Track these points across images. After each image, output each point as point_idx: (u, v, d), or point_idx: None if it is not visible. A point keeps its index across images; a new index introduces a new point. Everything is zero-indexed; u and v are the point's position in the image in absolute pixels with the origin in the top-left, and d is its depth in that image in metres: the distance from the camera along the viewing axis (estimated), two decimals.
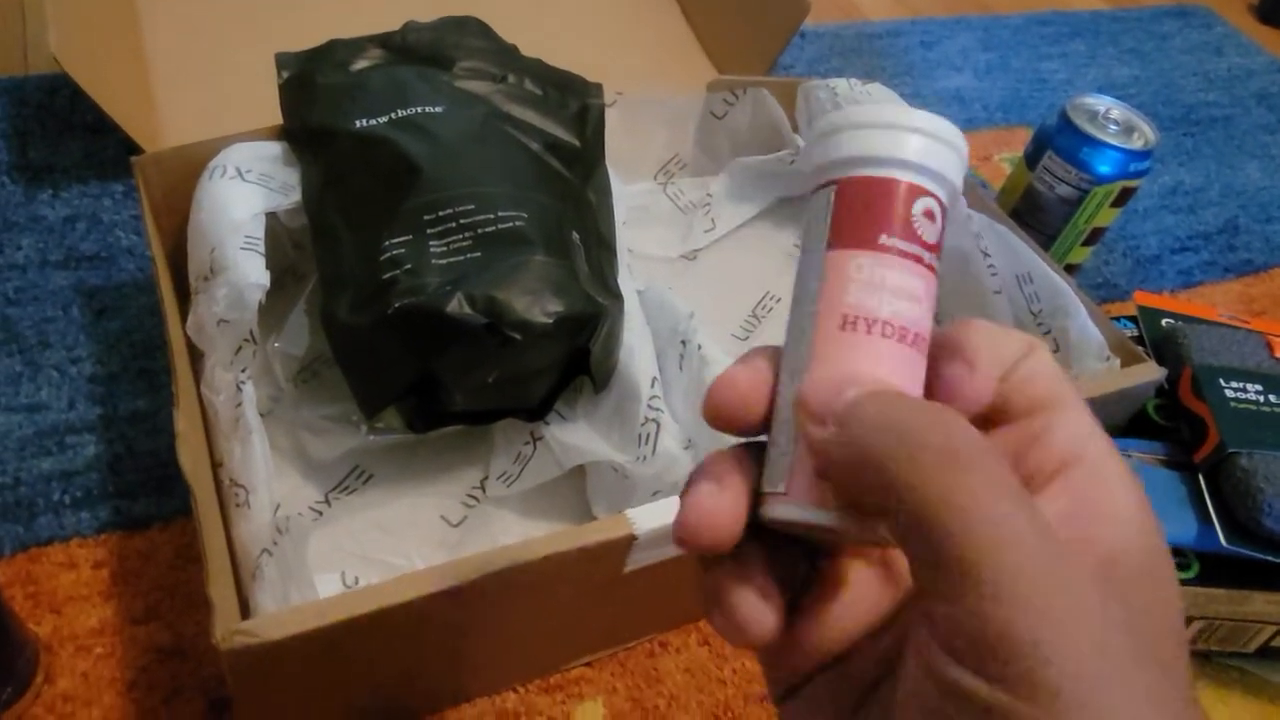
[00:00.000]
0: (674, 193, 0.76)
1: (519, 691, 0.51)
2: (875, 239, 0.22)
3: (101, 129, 0.72)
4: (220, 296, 0.50)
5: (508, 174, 0.54)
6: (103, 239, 0.67)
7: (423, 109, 0.55)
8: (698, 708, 0.52)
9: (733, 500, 0.22)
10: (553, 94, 0.61)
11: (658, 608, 0.53)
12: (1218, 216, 0.93)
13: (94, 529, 0.53)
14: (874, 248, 0.22)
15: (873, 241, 0.22)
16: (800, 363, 0.23)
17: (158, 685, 0.48)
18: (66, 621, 0.49)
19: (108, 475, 0.55)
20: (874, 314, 0.22)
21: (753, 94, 0.73)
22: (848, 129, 0.23)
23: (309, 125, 0.57)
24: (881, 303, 0.22)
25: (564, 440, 0.54)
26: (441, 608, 0.40)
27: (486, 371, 0.50)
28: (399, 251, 0.50)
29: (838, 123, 0.23)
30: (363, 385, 0.52)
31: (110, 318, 0.62)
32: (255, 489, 0.47)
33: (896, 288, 0.22)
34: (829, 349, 0.22)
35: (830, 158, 0.23)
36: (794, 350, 0.23)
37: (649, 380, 0.54)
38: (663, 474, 0.52)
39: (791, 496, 0.22)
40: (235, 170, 0.55)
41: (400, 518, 0.55)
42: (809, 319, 0.23)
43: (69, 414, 0.57)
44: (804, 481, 0.22)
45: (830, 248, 0.23)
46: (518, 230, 0.51)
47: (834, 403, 0.21)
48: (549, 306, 0.49)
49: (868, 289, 0.22)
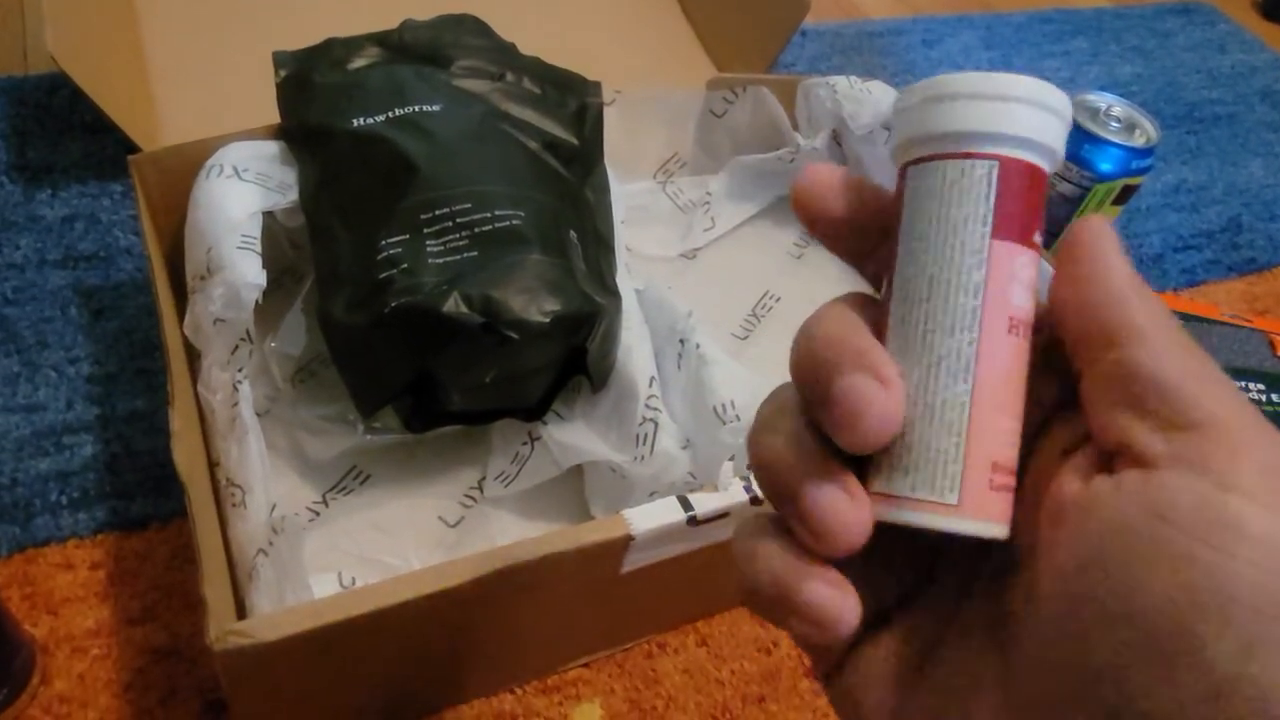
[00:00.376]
0: (673, 191, 0.75)
1: (516, 693, 0.50)
2: (1031, 235, 0.22)
3: (100, 129, 0.72)
4: (217, 296, 0.50)
5: (505, 173, 0.54)
6: (101, 239, 0.66)
7: (420, 108, 0.55)
8: (696, 709, 0.51)
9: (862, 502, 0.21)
10: (551, 92, 0.61)
11: (655, 608, 0.52)
12: (1221, 215, 0.93)
13: (91, 530, 0.53)
14: (1030, 244, 0.22)
15: (1029, 237, 0.22)
16: (963, 361, 0.21)
17: (154, 686, 0.47)
18: (63, 623, 0.49)
19: (105, 476, 0.55)
20: (1027, 319, 0.22)
21: (753, 92, 0.73)
22: (1003, 99, 0.21)
23: (306, 124, 0.56)
24: (1030, 307, 0.22)
25: (562, 440, 0.54)
26: (438, 608, 0.40)
27: (483, 371, 0.50)
28: (396, 251, 0.50)
29: (990, 87, 0.21)
30: (360, 385, 0.52)
31: (108, 318, 0.62)
32: (251, 489, 0.47)
33: (1031, 284, 0.22)
34: (998, 354, 0.21)
35: (989, 128, 0.21)
36: (946, 341, 0.21)
37: (647, 379, 0.54)
38: (660, 474, 0.51)
39: (965, 510, 0.21)
40: (232, 169, 0.55)
41: (398, 518, 0.55)
42: (970, 313, 0.21)
43: (66, 414, 0.57)
44: (979, 494, 0.21)
45: (995, 235, 0.21)
46: (514, 229, 0.51)
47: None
48: (545, 305, 0.49)
49: (1026, 292, 0.22)
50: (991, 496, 0.21)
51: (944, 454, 0.21)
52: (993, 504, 0.21)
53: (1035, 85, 0.21)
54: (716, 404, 0.52)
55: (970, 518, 0.21)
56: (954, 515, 0.21)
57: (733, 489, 0.45)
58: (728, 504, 0.45)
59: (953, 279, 0.21)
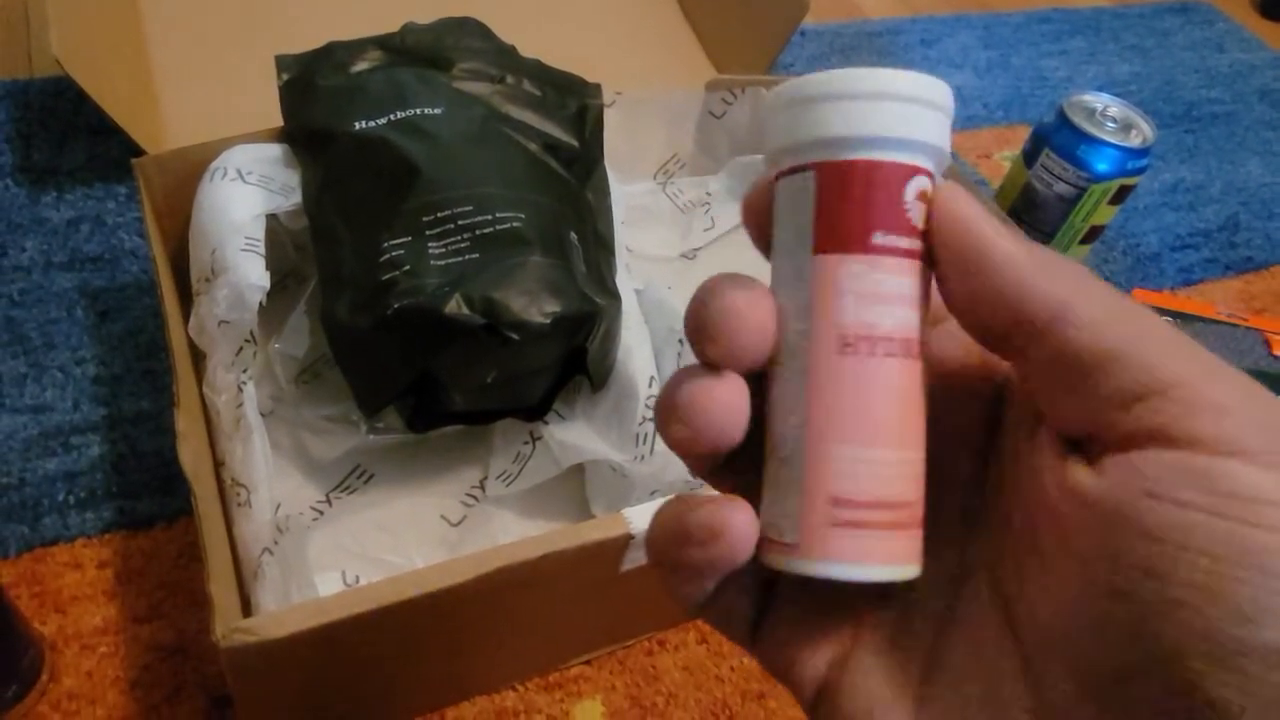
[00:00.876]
0: (673, 192, 0.76)
1: (518, 690, 0.51)
2: (868, 238, 0.19)
3: (105, 131, 0.73)
4: (221, 298, 0.51)
5: (506, 175, 0.54)
6: (106, 241, 0.67)
7: (422, 110, 0.56)
8: (696, 705, 0.52)
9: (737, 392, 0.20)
10: (551, 94, 0.62)
11: (655, 606, 0.53)
12: (1219, 214, 0.93)
13: (98, 529, 0.53)
14: (868, 249, 0.19)
15: (865, 242, 0.19)
16: (794, 391, 0.20)
17: (160, 683, 0.48)
18: (71, 621, 0.50)
19: (111, 476, 0.55)
20: (874, 330, 0.19)
21: (752, 93, 0.73)
22: (820, 100, 0.19)
23: (309, 127, 0.57)
24: (881, 315, 0.19)
25: (562, 439, 0.54)
26: (440, 606, 0.41)
27: (485, 371, 0.51)
28: (398, 253, 0.51)
29: (806, 91, 0.20)
30: (363, 385, 0.52)
31: (114, 319, 0.63)
32: (256, 488, 0.48)
33: (896, 294, 0.19)
34: (829, 381, 0.19)
35: (802, 137, 0.20)
36: (788, 377, 0.20)
37: (647, 379, 0.55)
38: (660, 473, 0.52)
39: (802, 550, 0.19)
40: (236, 172, 0.55)
41: (401, 517, 0.55)
42: (798, 337, 0.20)
43: (73, 415, 0.58)
44: (818, 533, 0.19)
45: (817, 251, 0.19)
46: (515, 231, 0.51)
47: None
48: (546, 307, 0.49)
49: (869, 303, 0.19)
50: (835, 534, 0.19)
51: (784, 490, 0.20)
52: (837, 542, 0.19)
53: (841, 78, 0.19)
54: None
55: (807, 558, 0.19)
56: (793, 556, 0.20)
57: None
58: None
59: (788, 305, 0.20)
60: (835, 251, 0.19)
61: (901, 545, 0.20)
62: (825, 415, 0.19)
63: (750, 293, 0.20)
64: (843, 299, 0.19)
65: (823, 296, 0.19)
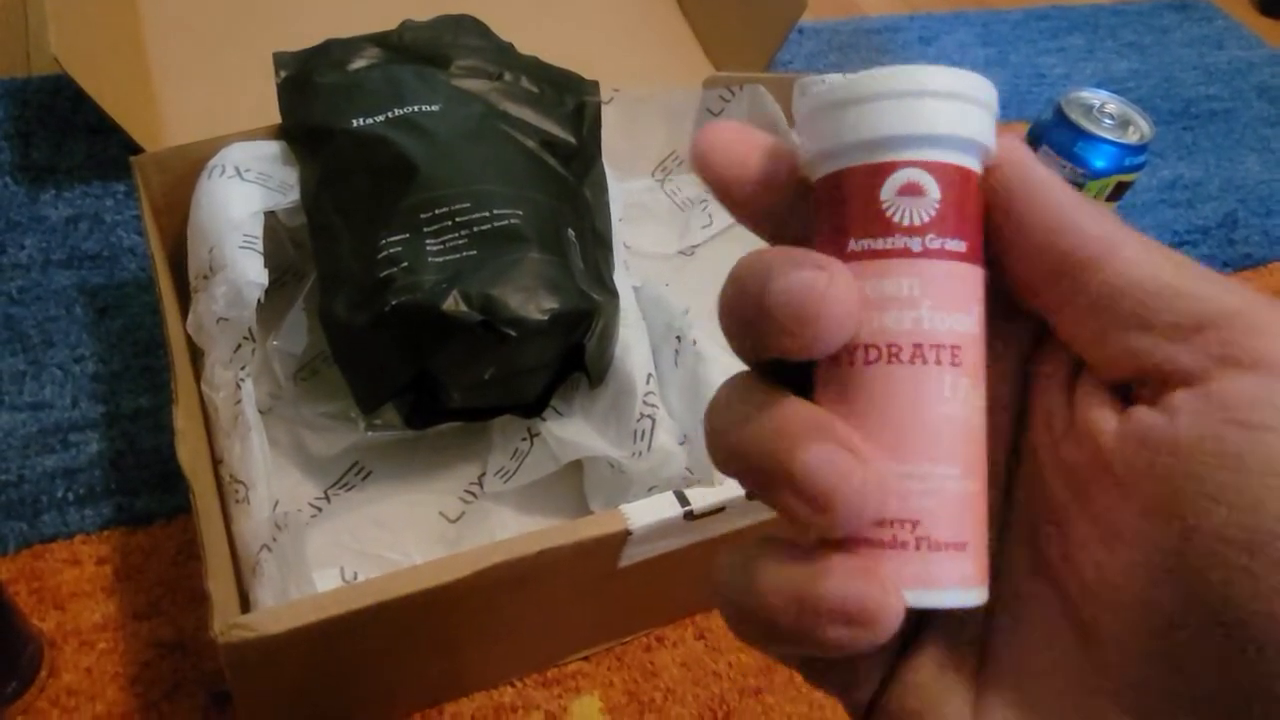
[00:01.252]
0: (671, 189, 0.76)
1: (516, 686, 0.51)
2: (845, 248, 0.19)
3: (103, 129, 0.73)
4: (219, 295, 0.51)
5: (504, 172, 0.54)
6: (105, 239, 0.67)
7: (419, 108, 0.56)
8: (694, 700, 0.52)
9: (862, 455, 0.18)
10: (549, 91, 0.62)
11: (654, 602, 0.53)
12: (1217, 210, 0.93)
13: (97, 526, 0.53)
14: (844, 259, 0.19)
15: (843, 251, 0.19)
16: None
17: (159, 680, 0.48)
18: (70, 617, 0.50)
19: (110, 473, 0.55)
20: (855, 339, 0.18)
21: (749, 90, 0.73)
22: (805, 124, 0.19)
23: (307, 124, 0.57)
24: (862, 323, 0.18)
25: (560, 436, 0.54)
26: (438, 602, 0.41)
27: (483, 368, 0.51)
28: (396, 250, 0.51)
29: (801, 114, 0.20)
30: (361, 382, 0.52)
31: (113, 316, 0.63)
32: (254, 485, 0.48)
33: (880, 298, 0.18)
34: (823, 393, 0.19)
35: (819, 146, 0.19)
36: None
37: (644, 376, 0.55)
38: (658, 469, 0.52)
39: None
40: (234, 169, 0.56)
41: (399, 514, 0.55)
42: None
43: (72, 412, 0.58)
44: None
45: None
46: (513, 228, 0.51)
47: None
48: (544, 303, 0.49)
49: (882, 311, 0.18)
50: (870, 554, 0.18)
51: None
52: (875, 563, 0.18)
53: (817, 97, 0.19)
54: None
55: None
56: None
57: (729, 483, 0.46)
58: (724, 499, 0.45)
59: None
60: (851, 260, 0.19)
61: (902, 567, 0.18)
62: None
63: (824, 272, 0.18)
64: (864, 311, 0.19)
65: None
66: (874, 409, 0.18)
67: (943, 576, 0.18)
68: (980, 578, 0.19)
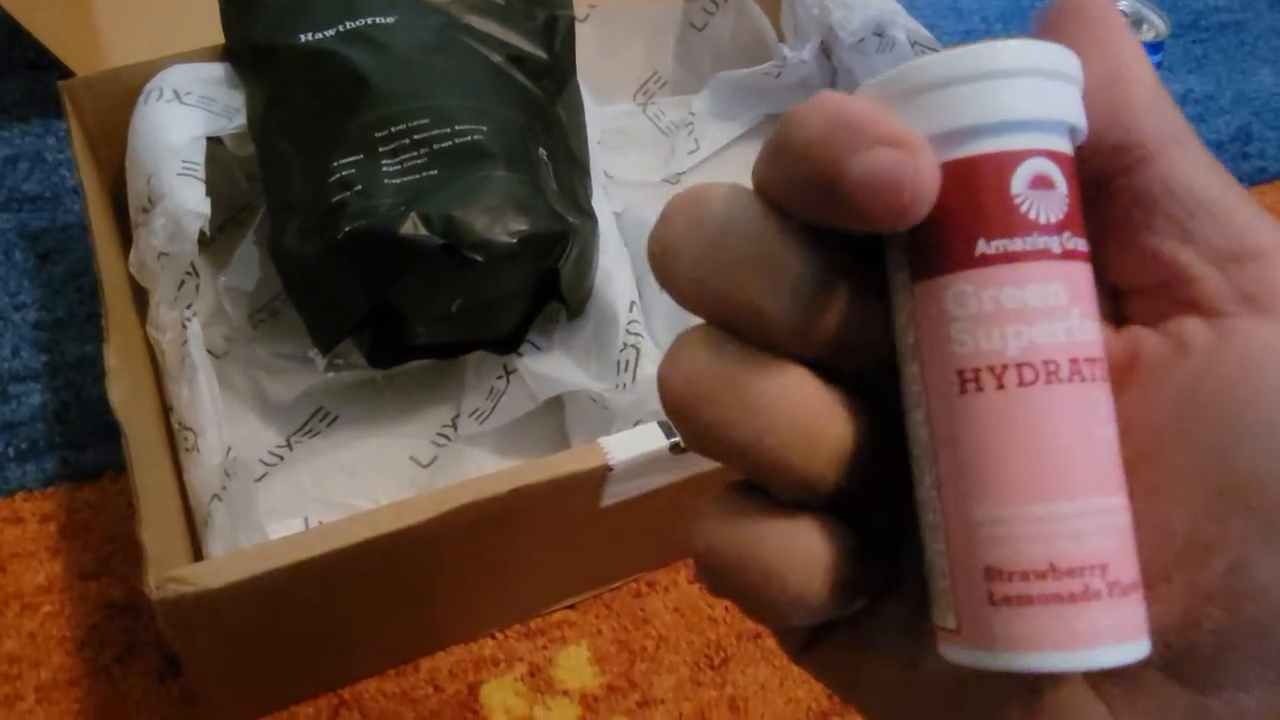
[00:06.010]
0: (654, 113, 0.71)
1: (497, 638, 0.48)
2: (971, 251, 0.16)
3: (43, 65, 0.68)
4: (159, 227, 0.47)
5: (466, 86, 0.50)
6: (46, 179, 0.63)
7: (372, 20, 0.51)
8: (688, 647, 0.49)
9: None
10: (517, 3, 0.57)
11: (643, 545, 0.50)
12: (1229, 124, 0.89)
13: (40, 482, 0.50)
14: (972, 264, 0.16)
15: (968, 256, 0.16)
16: (921, 447, 0.16)
17: (110, 642, 0.45)
18: (12, 579, 0.46)
19: (54, 425, 0.52)
20: (1000, 358, 0.15)
21: (735, 3, 0.69)
22: (898, 100, 0.16)
23: (251, 42, 0.52)
24: (1006, 339, 0.15)
25: (538, 372, 0.51)
26: (401, 549, 0.37)
27: (448, 299, 0.47)
28: (349, 172, 0.47)
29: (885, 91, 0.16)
30: (315, 318, 0.48)
31: (55, 261, 0.59)
32: (204, 432, 0.44)
33: (1023, 308, 0.15)
34: (955, 424, 0.16)
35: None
36: (913, 430, 0.17)
37: (627, 304, 0.51)
38: (644, 402, 0.48)
39: (964, 635, 0.16)
40: (173, 93, 0.51)
41: (367, 460, 0.52)
42: (916, 386, 0.16)
43: (12, 362, 0.54)
44: (976, 612, 0.16)
45: (916, 278, 0.16)
46: (477, 144, 0.47)
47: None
48: (512, 225, 0.45)
49: (982, 325, 0.16)
50: (995, 614, 0.15)
51: (935, 567, 0.16)
52: (1002, 623, 0.15)
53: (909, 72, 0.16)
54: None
55: (968, 645, 0.16)
56: (956, 643, 0.16)
57: None
58: None
59: (902, 351, 0.17)
60: (935, 274, 0.16)
61: (1099, 618, 0.15)
62: (959, 469, 0.16)
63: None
64: (949, 327, 0.16)
65: (929, 330, 0.16)
66: (1035, 438, 0.15)
67: (1129, 627, 0.15)
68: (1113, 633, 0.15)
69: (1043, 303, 0.15)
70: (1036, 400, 0.15)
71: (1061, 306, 0.15)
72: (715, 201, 0.16)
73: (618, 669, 0.48)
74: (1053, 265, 0.16)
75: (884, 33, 0.65)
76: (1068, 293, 0.16)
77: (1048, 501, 0.15)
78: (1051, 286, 0.15)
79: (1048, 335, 0.15)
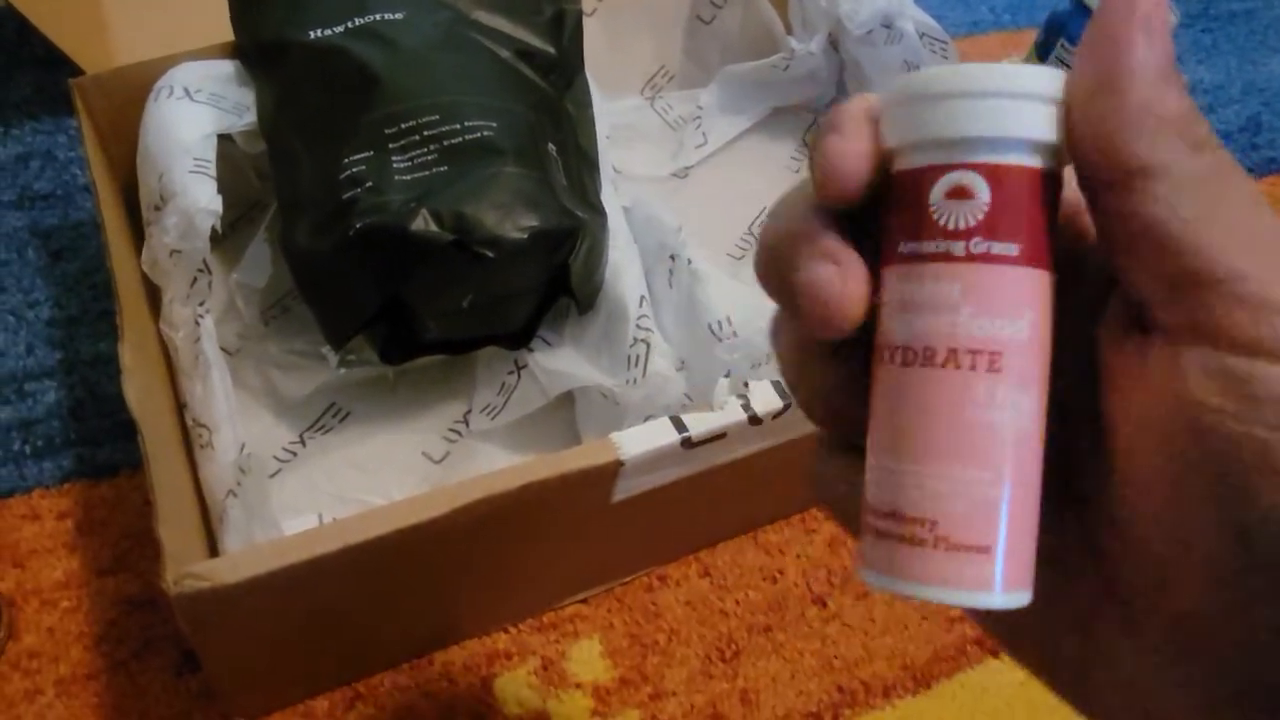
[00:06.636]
0: (662, 107, 0.71)
1: (510, 631, 0.48)
2: (895, 250, 0.19)
3: (53, 62, 0.68)
4: (171, 225, 0.47)
5: (475, 82, 0.50)
6: (58, 177, 0.63)
7: (382, 16, 0.51)
8: (700, 641, 0.49)
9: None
10: None
11: (654, 539, 0.50)
12: (1239, 114, 0.89)
13: (57, 479, 0.50)
14: (896, 260, 0.19)
15: (894, 254, 0.19)
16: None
17: (128, 638, 0.45)
18: (30, 575, 0.47)
19: (70, 422, 0.52)
20: (895, 340, 0.19)
21: None
22: (886, 109, 0.20)
23: (260, 39, 0.52)
24: (901, 325, 0.19)
25: (549, 367, 0.51)
26: (415, 544, 0.37)
27: (459, 294, 0.47)
28: (359, 169, 0.47)
29: (885, 100, 0.20)
30: (327, 315, 0.49)
31: (68, 259, 0.59)
32: (218, 428, 0.45)
33: (917, 301, 0.19)
34: (873, 386, 0.20)
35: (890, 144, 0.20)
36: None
37: (637, 299, 0.51)
38: (654, 396, 0.48)
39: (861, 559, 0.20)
40: (183, 90, 0.51)
41: (380, 455, 0.52)
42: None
43: (27, 360, 0.54)
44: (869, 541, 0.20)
45: (880, 265, 0.20)
46: (486, 140, 0.47)
47: None
48: (522, 221, 0.45)
49: (895, 311, 0.19)
50: (866, 540, 0.19)
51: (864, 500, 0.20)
52: (869, 548, 0.19)
53: (896, 85, 0.19)
54: (711, 321, 0.49)
55: (859, 562, 0.20)
56: (859, 562, 0.20)
57: (729, 408, 0.42)
58: (724, 424, 0.42)
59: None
60: (883, 265, 0.19)
61: (928, 564, 0.18)
62: (869, 422, 0.20)
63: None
64: (883, 309, 0.19)
65: (877, 307, 0.20)
66: (905, 408, 0.19)
67: (958, 577, 0.18)
68: (1010, 582, 0.18)
69: (934, 298, 0.18)
70: (911, 378, 0.19)
71: (951, 303, 0.18)
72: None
73: (630, 662, 0.48)
74: (954, 266, 0.18)
75: (892, 24, 0.64)
76: (963, 291, 0.18)
77: (903, 461, 0.19)
78: (945, 285, 0.18)
79: (931, 326, 0.18)
